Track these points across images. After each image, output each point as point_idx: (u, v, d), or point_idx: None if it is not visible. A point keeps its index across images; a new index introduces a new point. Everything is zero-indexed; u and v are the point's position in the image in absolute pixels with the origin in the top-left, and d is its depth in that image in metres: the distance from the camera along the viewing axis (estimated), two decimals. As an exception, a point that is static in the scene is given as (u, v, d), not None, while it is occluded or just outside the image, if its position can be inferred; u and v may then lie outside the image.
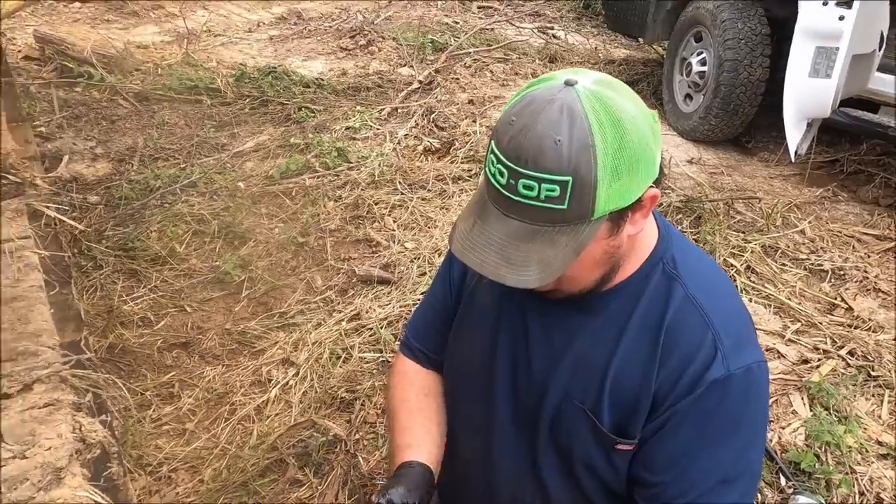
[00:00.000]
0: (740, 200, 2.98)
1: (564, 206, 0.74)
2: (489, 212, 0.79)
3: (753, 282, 2.43)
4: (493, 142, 0.79)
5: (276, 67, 4.17)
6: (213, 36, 5.06)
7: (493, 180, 0.78)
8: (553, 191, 0.73)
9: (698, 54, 3.76)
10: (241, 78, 4.02)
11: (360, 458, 1.77)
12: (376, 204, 2.96)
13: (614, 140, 0.74)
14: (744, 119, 3.60)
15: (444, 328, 1.11)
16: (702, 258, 0.99)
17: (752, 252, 2.54)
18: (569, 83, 0.76)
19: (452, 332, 1.09)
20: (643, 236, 0.90)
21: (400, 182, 3.11)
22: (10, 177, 1.34)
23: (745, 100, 3.49)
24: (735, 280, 2.41)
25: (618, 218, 0.78)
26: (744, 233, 2.70)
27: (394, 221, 2.87)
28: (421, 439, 0.99)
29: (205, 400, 2.06)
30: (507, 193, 0.76)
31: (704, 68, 3.71)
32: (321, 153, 3.32)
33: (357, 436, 1.85)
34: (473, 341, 1.03)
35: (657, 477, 0.86)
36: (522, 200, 0.75)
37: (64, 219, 1.54)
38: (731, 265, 2.48)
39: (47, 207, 1.35)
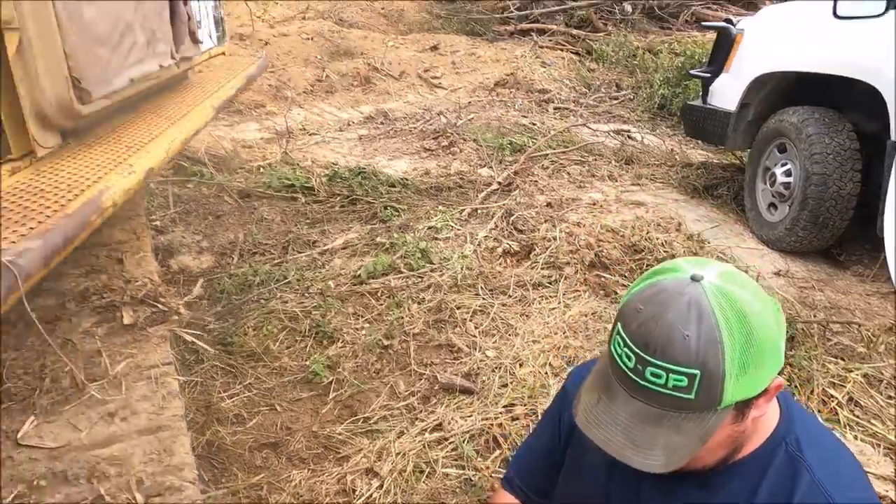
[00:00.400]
0: (837, 324, 2.86)
1: (692, 397, 0.77)
2: (615, 391, 0.83)
3: (858, 417, 2.29)
4: (619, 324, 0.84)
5: (364, 168, 4.47)
6: (308, 134, 5.49)
7: (619, 361, 0.82)
8: (681, 381, 0.77)
9: (782, 165, 3.74)
10: (334, 178, 4.32)
11: (444, 588, 1.74)
12: (458, 308, 3.03)
13: (741, 336, 0.77)
14: (834, 232, 3.51)
15: (548, 471, 1.12)
16: (826, 439, 0.98)
17: (853, 382, 2.41)
18: (695, 278, 0.81)
19: (561, 480, 1.10)
20: (765, 416, 0.91)
21: (481, 287, 3.19)
22: (158, 305, 1.51)
23: (834, 214, 3.41)
24: (837, 414, 2.29)
25: (743, 406, 0.81)
26: (843, 359, 2.57)
27: (475, 327, 2.92)
28: None
29: (290, 507, 2.10)
30: (633, 377, 0.80)
31: (790, 179, 3.68)
32: (406, 254, 3.47)
33: (440, 561, 1.83)
34: (583, 496, 1.04)
35: None
36: (650, 386, 0.79)
37: (201, 344, 1.68)
38: (832, 396, 2.36)
39: (187, 332, 1.48)
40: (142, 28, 1.62)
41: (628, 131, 5.82)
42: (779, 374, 0.85)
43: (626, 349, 0.81)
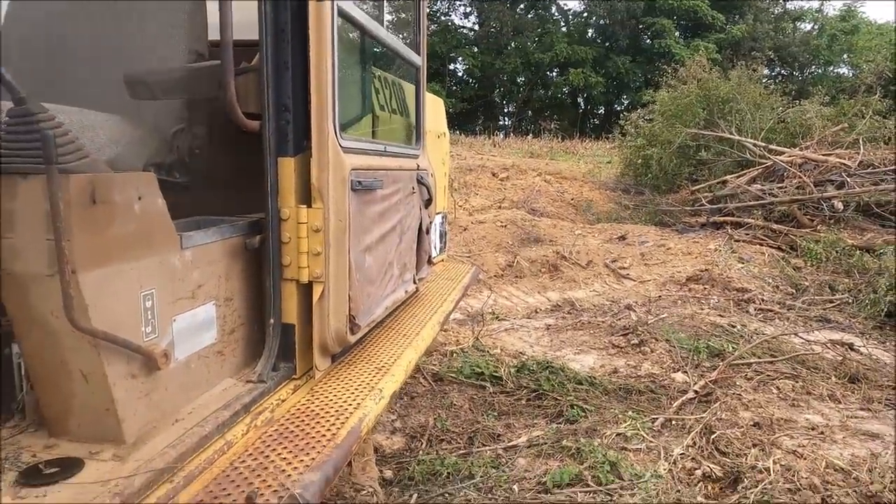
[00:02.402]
0: None
1: None
2: None
3: None
4: None
5: (552, 362, 4.52)
6: (497, 319, 5.79)
7: None
8: None
9: None
10: (522, 369, 4.43)
11: None
12: (654, 544, 2.75)
13: None
14: None
15: None
16: None
17: None
18: None
19: None
20: None
21: (680, 519, 2.89)
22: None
23: None
24: None
25: None
26: None
27: (674, 571, 2.60)
28: None
29: None
30: None
31: None
32: (594, 464, 3.32)
33: None
34: None
35: None
36: None
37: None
38: None
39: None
40: (397, 263, 1.97)
41: (851, 343, 5.19)
42: None
43: None
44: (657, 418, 3.89)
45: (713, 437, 3.60)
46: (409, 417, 3.94)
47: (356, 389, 1.57)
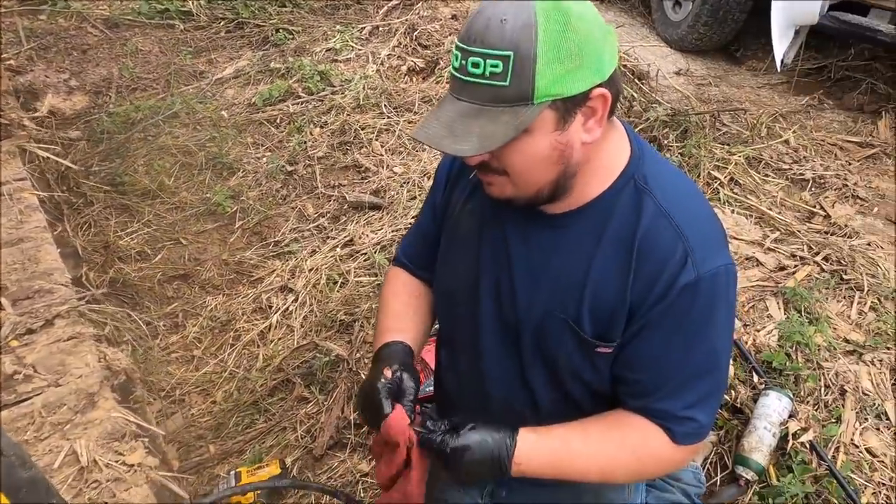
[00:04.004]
0: (726, 112, 2.98)
1: (506, 83, 0.78)
2: (445, 99, 0.85)
3: (736, 193, 2.49)
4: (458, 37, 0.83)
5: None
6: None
7: (451, 68, 0.83)
8: (496, 66, 0.77)
9: (687, -40, 3.62)
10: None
11: (363, 375, 1.88)
12: (363, 129, 2.94)
13: (557, 23, 0.78)
14: (733, 26, 3.53)
15: (432, 250, 1.17)
16: (673, 172, 1.02)
17: (735, 164, 2.58)
18: None
19: (439, 257, 1.15)
20: (610, 155, 0.93)
21: (385, 105, 3.07)
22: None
23: (734, 6, 3.40)
24: (718, 192, 2.47)
25: (563, 111, 0.81)
26: (728, 145, 2.72)
27: (381, 146, 2.86)
28: (404, 325, 1.07)
29: (209, 328, 2.14)
30: (458, 75, 0.80)
31: (694, -26, 3.58)
32: (303, 78, 3.25)
33: (358, 355, 1.95)
34: (458, 265, 1.09)
35: (637, 375, 0.94)
36: (470, 79, 0.79)
37: (55, 158, 1.54)
38: (715, 178, 2.53)
39: (38, 147, 1.34)
40: None
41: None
42: (607, 91, 0.83)
43: (456, 52, 0.82)
44: (365, 27, 3.82)
45: (416, 34, 3.70)
46: (86, 73, 3.32)
47: None
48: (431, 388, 1.27)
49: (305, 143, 2.86)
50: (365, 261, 2.31)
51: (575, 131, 0.84)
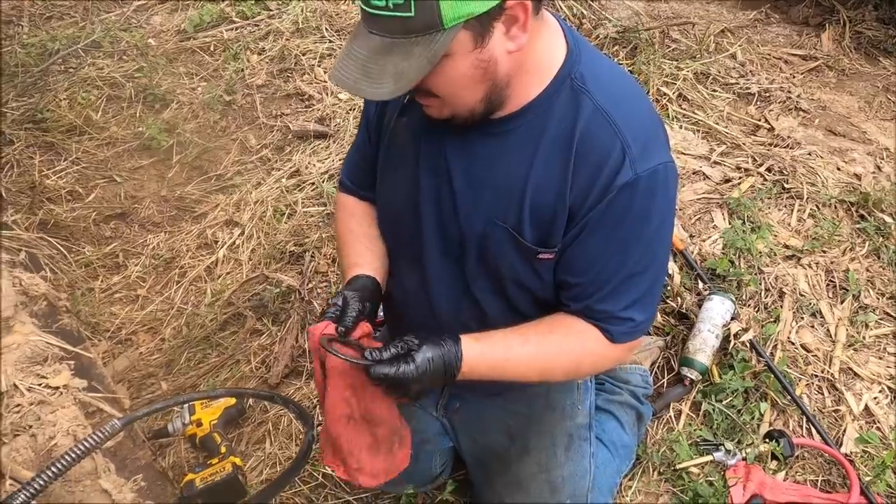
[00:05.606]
0: (675, 28, 2.94)
1: (412, 14, 0.74)
2: (359, 33, 0.81)
3: (684, 109, 2.49)
4: None
5: None
6: None
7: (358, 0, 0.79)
8: None
9: None
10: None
11: (316, 304, 1.85)
12: (304, 54, 2.78)
13: None
14: (683, -61, 3.44)
15: (371, 168, 1.13)
16: (612, 70, 1.00)
17: (684, 80, 2.57)
18: None
19: (378, 174, 1.11)
20: (544, 54, 0.90)
21: (327, 28, 2.91)
22: None
23: (684, -84, 3.30)
24: (667, 108, 2.46)
25: (479, 28, 0.77)
26: (677, 60, 2.70)
27: (324, 72, 2.72)
28: (365, 258, 1.08)
29: (152, 266, 2.06)
30: (365, 8, 0.77)
31: None
32: (236, 1, 3.03)
33: (310, 285, 1.92)
34: (396, 180, 1.06)
35: (577, 279, 0.95)
36: (377, 12, 0.75)
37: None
38: (664, 94, 2.52)
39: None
40: None
41: None
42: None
43: None
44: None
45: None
46: (-8, 0, 3.01)
47: None
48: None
49: (243, 71, 2.70)
50: (313, 190, 2.24)
51: (498, 43, 0.80)
